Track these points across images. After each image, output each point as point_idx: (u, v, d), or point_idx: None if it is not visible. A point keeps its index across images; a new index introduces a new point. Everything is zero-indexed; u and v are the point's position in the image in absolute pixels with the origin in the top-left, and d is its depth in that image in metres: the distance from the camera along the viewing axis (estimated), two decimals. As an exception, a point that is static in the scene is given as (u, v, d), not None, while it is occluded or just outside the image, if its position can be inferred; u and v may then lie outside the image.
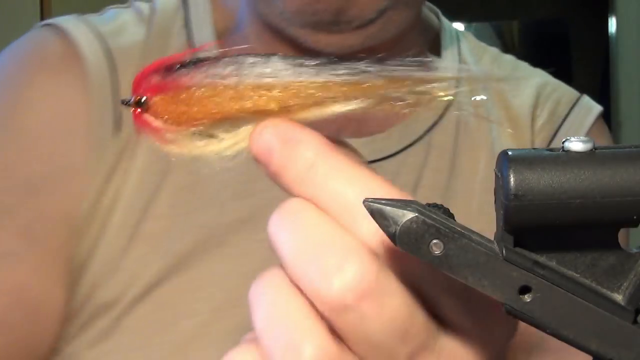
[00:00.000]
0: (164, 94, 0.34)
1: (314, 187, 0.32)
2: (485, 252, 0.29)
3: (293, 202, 0.33)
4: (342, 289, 0.30)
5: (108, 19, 0.70)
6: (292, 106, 0.33)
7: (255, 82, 0.33)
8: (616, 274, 0.30)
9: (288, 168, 0.33)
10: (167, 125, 0.34)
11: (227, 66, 0.34)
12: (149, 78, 0.35)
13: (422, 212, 0.29)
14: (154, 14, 0.70)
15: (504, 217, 0.29)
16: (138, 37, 0.69)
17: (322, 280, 0.30)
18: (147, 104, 0.34)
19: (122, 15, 0.71)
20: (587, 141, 0.29)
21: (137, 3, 0.72)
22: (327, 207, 0.32)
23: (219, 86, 0.33)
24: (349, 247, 0.31)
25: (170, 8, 0.71)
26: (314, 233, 0.31)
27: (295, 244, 0.32)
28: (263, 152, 0.33)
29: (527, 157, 0.29)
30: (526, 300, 0.29)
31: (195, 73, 0.34)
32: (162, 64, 0.34)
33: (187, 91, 0.34)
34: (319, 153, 0.32)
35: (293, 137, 0.33)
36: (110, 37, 0.68)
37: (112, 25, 0.69)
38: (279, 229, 0.33)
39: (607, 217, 0.28)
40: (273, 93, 0.33)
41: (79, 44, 0.66)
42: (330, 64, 0.33)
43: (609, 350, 0.29)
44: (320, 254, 0.31)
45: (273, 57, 0.34)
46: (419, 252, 0.29)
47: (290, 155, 0.33)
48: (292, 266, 0.32)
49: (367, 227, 0.31)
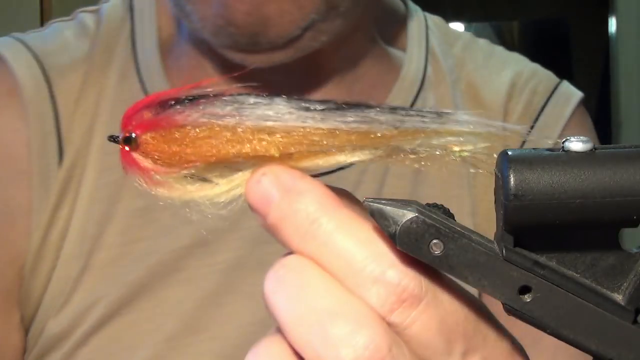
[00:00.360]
0: (156, 131, 0.31)
1: (316, 245, 0.30)
2: (485, 252, 0.29)
3: (293, 261, 0.30)
4: None
5: (48, 37, 0.67)
6: (294, 153, 0.31)
7: (255, 125, 0.31)
8: (616, 274, 0.30)
9: (288, 221, 0.30)
10: (157, 165, 0.32)
11: (226, 105, 0.31)
12: (140, 113, 0.32)
13: (422, 212, 0.29)
14: (99, 26, 0.68)
15: (504, 217, 0.29)
16: (79, 54, 0.66)
17: (329, 352, 0.28)
18: (136, 142, 0.32)
19: (64, 31, 0.68)
20: (587, 141, 0.29)
21: (81, 15, 0.69)
22: (331, 267, 0.30)
23: (215, 127, 0.31)
24: (359, 315, 0.28)
25: (115, 18, 0.68)
26: (318, 298, 0.29)
27: (298, 311, 0.29)
28: (260, 202, 0.31)
29: (527, 157, 0.29)
30: (526, 300, 0.29)
31: (191, 111, 0.31)
32: (156, 98, 0.32)
33: (181, 130, 0.31)
34: (322, 207, 0.30)
35: (294, 187, 0.30)
36: (50, 56, 0.65)
37: (52, 43, 0.66)
38: (277, 290, 0.30)
39: (607, 217, 0.28)
40: (274, 138, 0.31)
41: (15, 73, 0.63)
42: (339, 110, 0.31)
43: (609, 350, 0.29)
44: (326, 322, 0.28)
45: (276, 99, 0.31)
46: (419, 252, 0.29)
47: (291, 207, 0.30)
48: (293, 335, 0.29)
49: (376, 293, 0.29)
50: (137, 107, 0.32)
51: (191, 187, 0.32)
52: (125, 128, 0.32)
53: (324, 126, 0.31)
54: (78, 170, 0.63)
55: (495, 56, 0.74)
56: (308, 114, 0.31)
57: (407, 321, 0.29)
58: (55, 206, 0.62)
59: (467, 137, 0.31)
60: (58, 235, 0.62)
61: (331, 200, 0.30)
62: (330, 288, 0.29)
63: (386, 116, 0.31)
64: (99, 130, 0.64)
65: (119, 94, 0.65)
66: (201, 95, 0.31)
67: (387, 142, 0.31)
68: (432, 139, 0.31)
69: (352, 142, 0.31)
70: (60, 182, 0.62)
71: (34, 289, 0.62)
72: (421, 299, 0.29)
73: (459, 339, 0.30)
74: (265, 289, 0.30)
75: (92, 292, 0.62)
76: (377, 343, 0.28)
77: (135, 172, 0.32)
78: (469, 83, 0.71)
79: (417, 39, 0.72)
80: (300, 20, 0.56)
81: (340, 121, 0.31)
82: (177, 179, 0.32)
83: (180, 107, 0.31)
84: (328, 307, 0.29)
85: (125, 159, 0.32)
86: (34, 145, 0.62)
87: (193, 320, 0.62)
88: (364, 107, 0.31)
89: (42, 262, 0.62)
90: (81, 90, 0.65)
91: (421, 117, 0.31)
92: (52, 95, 0.64)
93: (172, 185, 0.32)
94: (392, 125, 0.31)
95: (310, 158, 0.31)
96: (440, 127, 0.31)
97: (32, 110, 0.63)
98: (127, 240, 0.63)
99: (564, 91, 0.71)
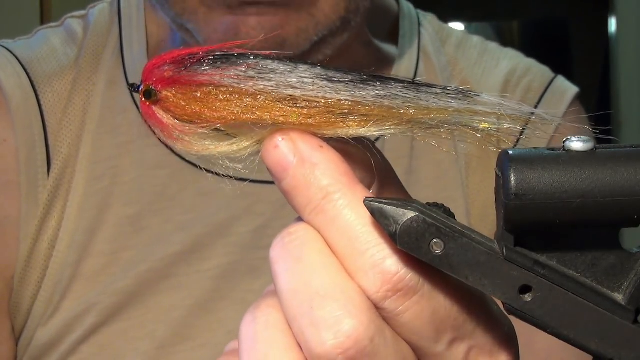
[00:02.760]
0: (177, 89, 0.31)
1: (324, 220, 0.30)
2: (485, 251, 0.29)
3: (300, 230, 0.30)
4: (333, 348, 0.28)
5: (35, 44, 0.67)
6: (314, 123, 0.31)
7: (277, 93, 0.30)
8: (617, 273, 0.30)
9: (300, 191, 0.30)
10: (176, 121, 0.31)
11: (249, 69, 0.30)
12: (162, 68, 0.31)
13: (422, 212, 0.29)
14: (86, 32, 0.67)
15: (505, 216, 0.29)
16: (66, 61, 0.66)
17: (314, 333, 0.28)
18: (157, 96, 0.31)
19: (51, 38, 0.67)
20: (588, 141, 0.29)
21: (69, 21, 0.69)
22: (335, 244, 0.30)
23: (237, 91, 0.30)
24: (349, 301, 0.29)
25: (103, 24, 0.68)
26: (314, 276, 0.29)
27: (293, 284, 0.29)
28: (276, 166, 0.30)
29: (527, 157, 0.29)
30: (527, 300, 0.29)
31: (214, 71, 0.31)
32: (179, 55, 0.31)
33: (202, 90, 0.31)
34: (336, 182, 0.30)
35: (310, 158, 0.30)
36: (37, 64, 0.65)
37: (39, 51, 0.66)
38: (280, 257, 0.30)
39: (608, 216, 0.28)
40: (295, 107, 0.30)
41: (2, 83, 0.63)
42: (362, 83, 0.31)
43: (609, 350, 0.29)
44: (316, 302, 0.29)
45: (300, 66, 0.31)
46: (420, 252, 0.29)
47: (305, 178, 0.30)
48: (285, 305, 0.29)
49: (373, 278, 0.29)
50: (160, 60, 0.31)
51: (209, 144, 0.32)
52: (146, 80, 0.31)
53: (346, 98, 0.30)
54: (66, 179, 0.63)
55: (489, 53, 0.73)
56: (331, 84, 0.30)
57: (399, 309, 0.29)
58: (43, 215, 0.62)
59: (491, 118, 0.31)
60: (47, 245, 0.62)
61: (346, 177, 0.30)
62: (327, 266, 0.29)
63: (410, 92, 0.31)
64: (87, 139, 0.63)
65: (106, 101, 0.65)
66: (226, 56, 0.31)
67: (409, 118, 0.31)
68: (455, 117, 0.31)
69: (374, 115, 0.30)
70: (49, 192, 0.62)
71: (24, 300, 0.62)
72: (416, 291, 0.29)
73: (448, 330, 0.30)
74: (271, 253, 0.31)
75: (81, 301, 0.62)
76: (360, 333, 0.28)
77: (154, 125, 0.32)
78: (462, 80, 0.70)
79: (409, 36, 0.71)
80: (313, 36, 0.56)
81: (364, 94, 0.30)
82: (195, 135, 0.32)
83: (204, 66, 0.31)
84: (321, 288, 0.29)
85: (145, 110, 0.32)
86: (22, 155, 0.62)
87: (183, 327, 0.62)
88: (389, 81, 0.31)
89: (31, 272, 0.62)
90: (69, 98, 0.64)
91: (446, 96, 0.31)
92: (39, 104, 0.63)
93: (189, 141, 0.32)
94: (414, 102, 0.31)
95: (330, 127, 0.31)
96: (464, 107, 0.31)
97: (19, 120, 0.63)
98: (116, 248, 0.62)
99: (559, 87, 0.71)
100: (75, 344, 0.61)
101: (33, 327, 0.62)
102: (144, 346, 0.61)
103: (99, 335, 0.61)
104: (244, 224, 0.63)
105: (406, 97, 0.31)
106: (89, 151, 0.63)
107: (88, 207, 0.62)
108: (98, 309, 0.61)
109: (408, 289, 0.29)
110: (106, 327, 0.62)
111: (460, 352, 0.30)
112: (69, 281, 0.62)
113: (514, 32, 3.24)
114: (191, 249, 0.63)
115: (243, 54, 0.31)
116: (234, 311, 0.62)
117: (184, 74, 0.31)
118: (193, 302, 0.62)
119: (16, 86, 0.63)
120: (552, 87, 0.70)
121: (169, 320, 0.62)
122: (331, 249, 0.30)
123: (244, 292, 0.62)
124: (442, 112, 0.31)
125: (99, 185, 0.63)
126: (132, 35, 0.67)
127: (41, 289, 0.62)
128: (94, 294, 0.62)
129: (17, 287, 0.62)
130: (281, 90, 0.30)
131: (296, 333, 0.29)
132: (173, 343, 0.62)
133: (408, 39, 0.71)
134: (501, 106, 0.31)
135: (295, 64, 0.31)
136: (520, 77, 0.71)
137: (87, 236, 0.62)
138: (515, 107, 0.31)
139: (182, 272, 0.62)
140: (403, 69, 0.70)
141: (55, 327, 0.61)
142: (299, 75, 0.30)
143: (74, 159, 0.63)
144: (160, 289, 0.62)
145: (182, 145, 0.32)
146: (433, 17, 0.76)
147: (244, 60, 0.31)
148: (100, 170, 0.63)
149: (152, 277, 0.62)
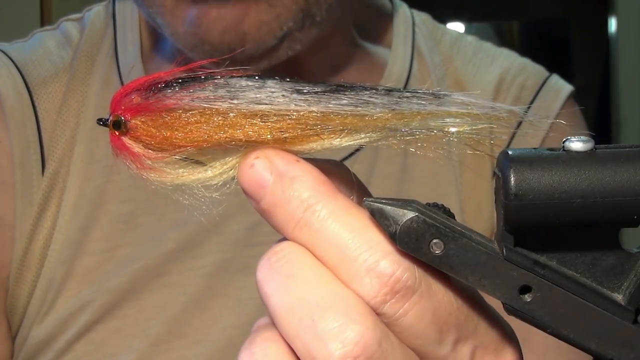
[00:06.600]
0: (146, 115, 0.31)
1: (309, 232, 0.29)
2: (485, 251, 0.29)
3: (285, 248, 0.30)
4: (343, 357, 0.27)
5: (30, 47, 0.67)
6: (288, 137, 0.30)
7: (247, 109, 0.30)
8: (616, 273, 0.30)
9: (281, 208, 0.30)
10: (148, 150, 0.31)
11: (217, 89, 0.30)
12: (130, 97, 0.31)
13: (422, 212, 0.29)
14: (82, 34, 0.67)
15: (505, 216, 0.29)
16: (61, 63, 0.66)
17: (320, 346, 0.28)
18: (126, 126, 0.31)
19: (47, 41, 0.68)
20: (588, 141, 0.29)
21: (64, 24, 0.69)
22: (324, 256, 0.29)
23: (207, 111, 0.30)
24: (350, 308, 0.28)
25: (98, 26, 0.68)
26: (309, 290, 0.28)
27: (288, 302, 0.29)
28: (253, 187, 0.30)
29: (527, 157, 0.29)
30: (526, 300, 0.29)
31: (182, 94, 0.30)
32: (145, 81, 0.31)
33: (171, 114, 0.30)
34: (316, 193, 0.29)
35: (287, 172, 0.30)
36: (32, 67, 0.65)
37: (34, 54, 0.66)
38: (268, 279, 0.29)
39: (608, 217, 0.28)
40: (267, 123, 0.30)
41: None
42: (333, 93, 0.30)
43: (609, 350, 0.29)
44: (316, 315, 0.28)
45: (269, 82, 0.30)
46: (420, 252, 0.29)
47: (284, 193, 0.29)
48: (283, 326, 0.29)
49: (369, 283, 0.29)
50: (126, 90, 0.31)
51: (183, 171, 0.31)
52: (114, 111, 0.31)
53: (317, 109, 0.30)
54: (61, 179, 0.63)
55: (483, 52, 0.73)
56: (301, 97, 0.30)
57: (399, 312, 0.29)
58: (38, 215, 0.62)
59: (464, 118, 0.31)
60: (42, 244, 0.62)
61: (326, 186, 0.30)
62: (321, 278, 0.29)
63: (381, 98, 0.30)
64: (81, 139, 0.64)
65: (101, 102, 0.65)
66: (192, 78, 0.31)
67: (383, 125, 0.30)
68: (428, 121, 0.30)
69: (347, 125, 0.30)
70: (43, 192, 0.62)
71: (19, 299, 0.62)
72: (414, 290, 0.29)
73: (451, 329, 0.30)
74: (258, 276, 0.30)
75: (76, 299, 0.62)
76: (367, 338, 0.28)
77: (125, 156, 0.31)
78: (456, 79, 0.70)
79: (402, 36, 0.71)
80: (277, 30, 0.56)
81: (335, 104, 0.30)
82: (168, 163, 0.31)
83: (171, 90, 0.30)
84: (318, 300, 0.28)
85: (115, 143, 0.31)
86: (16, 155, 0.62)
87: (178, 324, 0.62)
88: (358, 89, 0.31)
89: (26, 270, 0.62)
90: (63, 100, 0.65)
91: (417, 99, 0.31)
92: (34, 105, 0.64)
93: (163, 170, 0.31)
94: (387, 107, 0.30)
95: (305, 142, 0.31)
96: (436, 109, 0.31)
97: (14, 121, 0.63)
98: (110, 246, 0.63)
99: (553, 85, 0.70)
100: (69, 341, 0.62)
101: (28, 325, 0.62)
102: (138, 344, 0.62)
103: (94, 333, 0.62)
104: (237, 222, 0.64)
105: (378, 102, 0.30)
106: (84, 151, 0.64)
107: (82, 205, 0.63)
108: (92, 307, 0.62)
109: (406, 289, 0.29)
110: (100, 325, 0.62)
111: (465, 353, 0.30)
112: (63, 279, 0.62)
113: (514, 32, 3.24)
114: (185, 246, 0.63)
115: (210, 74, 0.31)
116: (228, 308, 0.62)
117: (151, 100, 0.31)
118: (187, 300, 0.62)
119: (11, 88, 0.64)
120: (546, 85, 0.70)
121: (163, 317, 0.62)
122: (321, 261, 0.29)
123: (237, 289, 0.63)
124: (414, 115, 0.30)
125: (93, 184, 0.63)
126: (126, 37, 0.67)
127: (36, 288, 0.62)
128: (89, 291, 0.62)
129: (13, 287, 0.62)
130: (251, 106, 0.30)
131: (300, 352, 0.28)
132: (167, 340, 0.62)
133: (402, 38, 0.71)
134: (473, 105, 0.30)
135: (264, 80, 0.30)
136: (515, 76, 0.70)
137: (82, 234, 0.62)
138: (486, 105, 0.31)
139: (176, 270, 0.63)
140: (396, 68, 0.69)
141: (50, 325, 0.62)
142: (268, 90, 0.30)
143: (68, 159, 0.63)
144: (154, 287, 0.62)
145: (155, 174, 0.31)
146: (427, 17, 0.76)
147: (211, 80, 0.30)
148: (95, 169, 0.63)
149: (146, 275, 0.62)
